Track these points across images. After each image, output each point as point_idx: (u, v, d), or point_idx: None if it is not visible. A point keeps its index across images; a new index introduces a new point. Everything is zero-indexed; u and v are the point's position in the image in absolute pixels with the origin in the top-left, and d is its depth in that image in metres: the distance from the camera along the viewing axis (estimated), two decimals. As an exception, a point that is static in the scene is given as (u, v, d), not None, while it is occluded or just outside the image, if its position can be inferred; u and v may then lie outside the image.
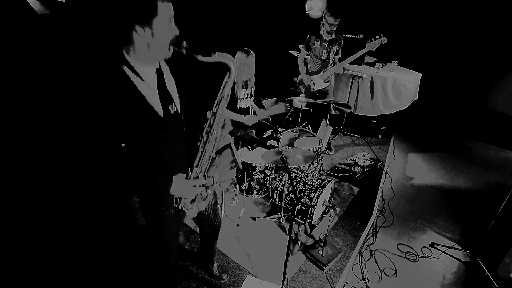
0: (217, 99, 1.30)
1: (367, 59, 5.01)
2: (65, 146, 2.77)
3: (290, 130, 2.99)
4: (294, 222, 2.27)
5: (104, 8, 2.63)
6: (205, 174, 1.40)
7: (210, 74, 1.48)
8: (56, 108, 2.74)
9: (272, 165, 2.76)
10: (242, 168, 2.62)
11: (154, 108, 1.21)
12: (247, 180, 2.71)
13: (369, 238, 2.73)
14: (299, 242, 2.49)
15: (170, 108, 1.28)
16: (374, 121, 4.81)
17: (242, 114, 2.85)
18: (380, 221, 2.94)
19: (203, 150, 1.34)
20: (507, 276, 2.33)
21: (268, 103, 3.73)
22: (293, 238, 2.48)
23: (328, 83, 3.81)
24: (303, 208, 2.57)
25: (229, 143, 1.71)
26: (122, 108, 1.13)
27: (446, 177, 3.82)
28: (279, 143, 1.93)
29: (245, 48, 2.72)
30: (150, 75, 1.22)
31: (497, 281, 2.28)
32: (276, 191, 2.79)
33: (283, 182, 2.61)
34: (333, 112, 3.09)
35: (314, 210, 2.50)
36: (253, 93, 2.99)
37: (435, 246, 2.65)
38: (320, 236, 2.45)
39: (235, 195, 2.91)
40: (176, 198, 1.38)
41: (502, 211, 2.41)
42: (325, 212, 2.78)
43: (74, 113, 2.65)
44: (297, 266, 2.31)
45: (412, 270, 2.46)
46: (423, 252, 2.63)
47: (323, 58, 3.64)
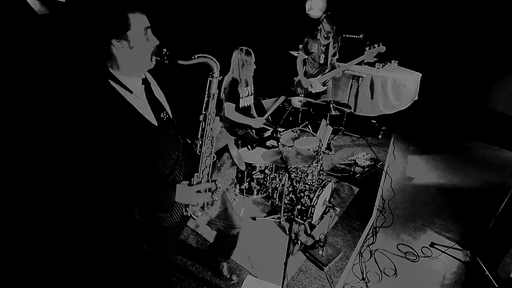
0: (205, 100, 1.30)
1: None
2: (59, 153, 2.74)
3: (290, 130, 2.99)
4: (294, 222, 2.27)
5: (82, 26, 2.63)
6: (209, 179, 1.40)
7: (196, 78, 1.48)
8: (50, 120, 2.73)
9: (272, 165, 2.76)
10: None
11: (146, 117, 1.21)
12: (247, 180, 2.72)
13: (369, 238, 2.74)
14: (299, 242, 2.49)
15: (162, 116, 1.28)
16: (374, 121, 4.81)
17: (245, 112, 2.88)
18: (380, 221, 2.95)
19: (201, 154, 1.34)
20: (507, 276, 2.33)
21: (268, 103, 3.73)
22: (293, 238, 2.48)
23: (326, 86, 3.82)
24: (303, 208, 2.57)
25: (226, 145, 1.71)
26: (114, 122, 1.13)
27: (446, 177, 3.82)
28: (279, 143, 1.93)
29: (244, 48, 2.74)
30: (137, 86, 1.23)
31: (497, 281, 2.28)
32: (276, 191, 2.80)
33: (283, 182, 2.61)
34: (333, 112, 3.09)
35: (314, 210, 2.50)
36: (253, 91, 3.02)
37: (435, 246, 2.65)
38: (320, 236, 2.45)
39: (235, 195, 2.91)
40: (184, 206, 1.37)
41: (502, 211, 2.41)
42: (325, 212, 2.78)
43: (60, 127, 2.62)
44: (297, 266, 2.31)
45: (412, 270, 2.46)
46: (423, 252, 2.63)
47: (321, 62, 3.65)
